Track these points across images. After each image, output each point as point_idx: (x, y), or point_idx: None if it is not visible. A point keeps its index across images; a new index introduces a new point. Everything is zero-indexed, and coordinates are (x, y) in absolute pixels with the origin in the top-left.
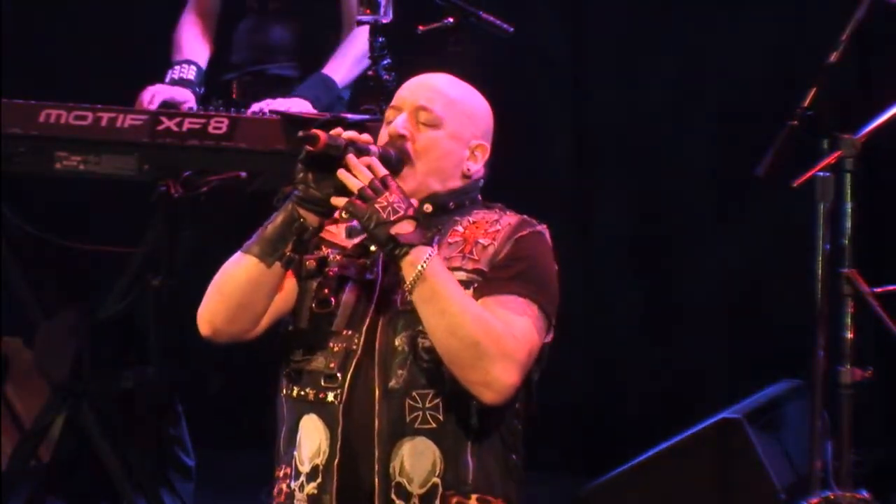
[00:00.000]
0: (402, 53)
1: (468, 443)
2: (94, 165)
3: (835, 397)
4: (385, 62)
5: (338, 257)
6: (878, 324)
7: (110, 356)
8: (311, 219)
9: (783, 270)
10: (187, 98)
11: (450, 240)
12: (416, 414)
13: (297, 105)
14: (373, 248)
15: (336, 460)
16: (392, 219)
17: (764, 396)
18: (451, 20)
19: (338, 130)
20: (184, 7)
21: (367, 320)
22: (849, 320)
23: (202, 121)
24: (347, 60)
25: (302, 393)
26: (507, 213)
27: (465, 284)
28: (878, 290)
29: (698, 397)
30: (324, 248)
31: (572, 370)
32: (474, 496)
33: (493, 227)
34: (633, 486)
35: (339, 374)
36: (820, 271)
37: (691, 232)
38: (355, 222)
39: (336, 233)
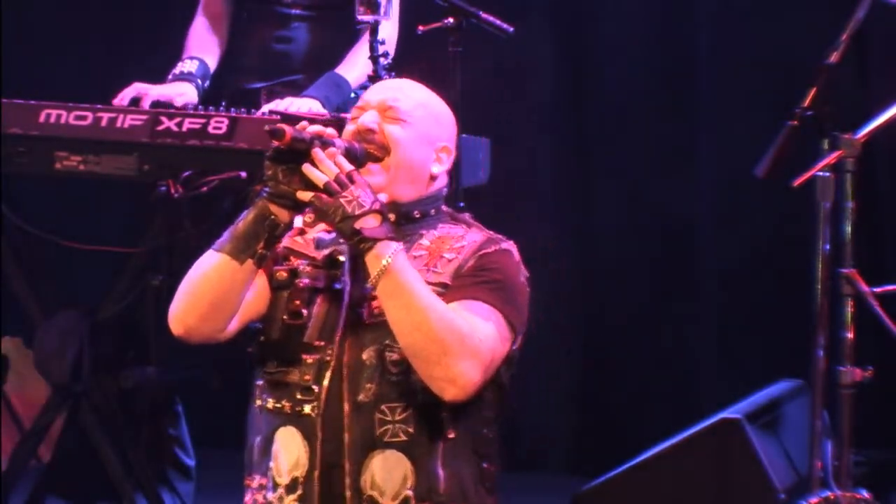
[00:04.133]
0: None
1: (439, 453)
2: (94, 165)
3: (835, 397)
4: (385, 62)
5: (308, 268)
6: (878, 324)
7: (110, 356)
8: (283, 214)
9: (783, 270)
10: (183, 92)
11: (414, 253)
12: (385, 427)
13: (306, 105)
14: (342, 258)
15: (316, 472)
16: (357, 213)
17: (764, 396)
18: (451, 20)
19: (303, 125)
20: (193, 9)
21: (340, 331)
22: (849, 320)
23: (202, 121)
24: (361, 60)
25: (278, 405)
26: (473, 228)
27: None
28: (878, 290)
29: (698, 397)
30: (293, 260)
31: (572, 370)
32: None
33: (459, 242)
34: (632, 486)
35: (314, 387)
36: (820, 271)
37: (691, 231)
38: (323, 234)
39: (305, 244)
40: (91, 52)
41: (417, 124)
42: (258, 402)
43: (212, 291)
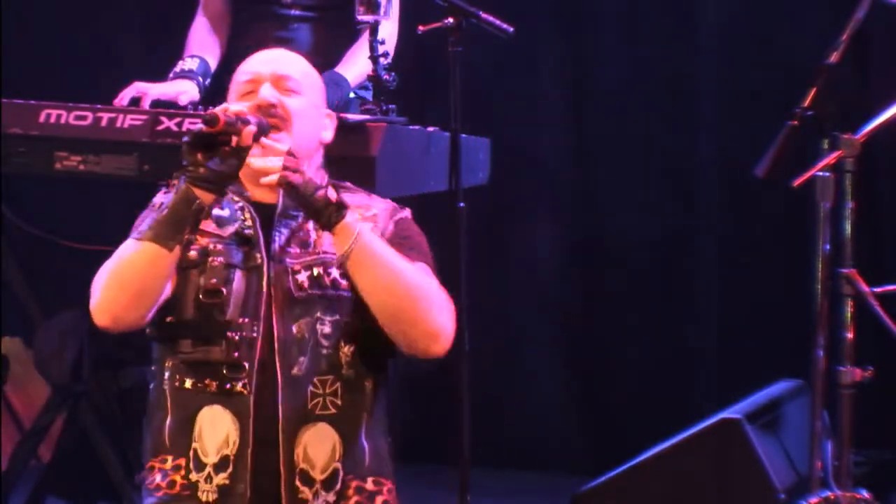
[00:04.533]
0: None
1: (363, 426)
2: (94, 165)
3: (835, 397)
4: (385, 62)
5: (218, 246)
6: (878, 324)
7: (110, 356)
8: (207, 198)
9: (783, 270)
10: (184, 90)
11: None
12: (316, 400)
13: None
14: (248, 232)
15: (249, 449)
16: (322, 184)
17: (764, 396)
18: (451, 20)
19: (223, 107)
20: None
21: (262, 307)
22: (849, 320)
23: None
24: (361, 59)
25: (199, 384)
26: (372, 196)
27: None
28: (878, 290)
29: (697, 397)
30: (200, 239)
31: (572, 370)
32: (370, 479)
33: (369, 211)
34: (632, 486)
35: (245, 364)
36: (820, 271)
37: (691, 231)
38: (219, 212)
39: (205, 223)
40: (91, 51)
41: (309, 94)
42: (169, 383)
43: (140, 280)
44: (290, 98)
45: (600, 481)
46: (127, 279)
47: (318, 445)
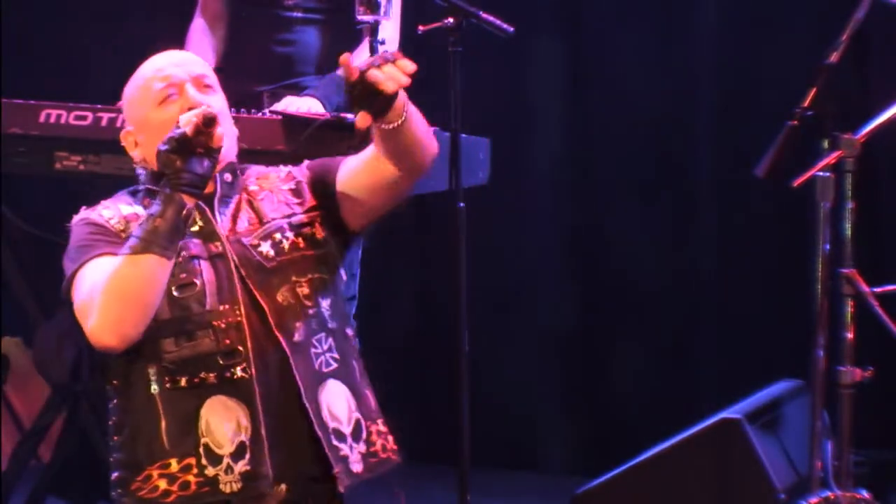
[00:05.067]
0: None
1: (358, 373)
2: (94, 165)
3: (835, 397)
4: None
5: None
6: (878, 324)
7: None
8: (190, 201)
9: (783, 270)
10: None
11: (259, 197)
12: (320, 360)
13: (306, 104)
14: (199, 225)
15: (262, 430)
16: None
17: (764, 396)
18: (451, 20)
19: (200, 111)
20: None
21: (239, 289)
22: (849, 320)
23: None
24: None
25: (196, 380)
26: (268, 166)
27: (308, 224)
28: (878, 290)
29: (697, 397)
30: None
31: (572, 370)
32: (380, 421)
33: (279, 172)
34: (632, 486)
35: (240, 348)
36: (820, 271)
37: (691, 231)
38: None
39: None
40: (91, 51)
41: (217, 88)
42: (158, 388)
43: (146, 294)
44: (211, 97)
45: (600, 481)
46: (132, 295)
47: (336, 402)
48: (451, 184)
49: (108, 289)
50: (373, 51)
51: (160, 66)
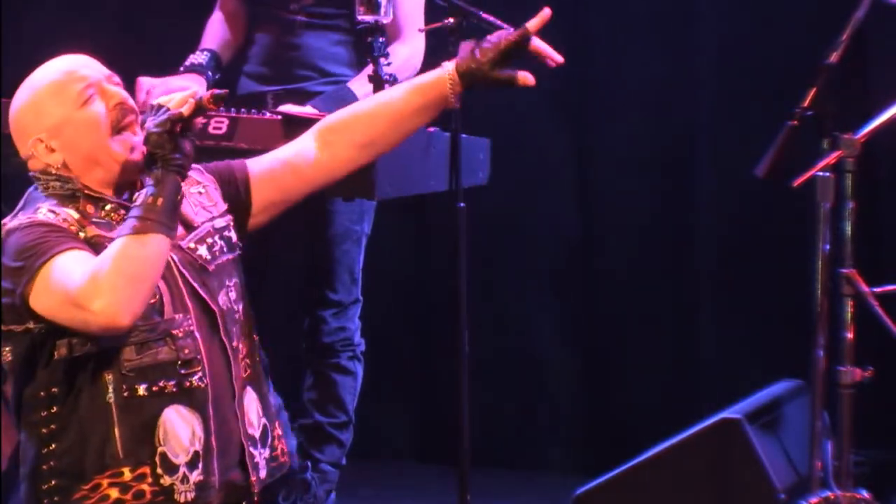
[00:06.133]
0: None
1: (263, 377)
2: None
3: (835, 397)
4: (386, 63)
5: None
6: (878, 324)
7: None
8: (181, 181)
9: (783, 270)
10: (188, 86)
11: (192, 189)
12: (242, 364)
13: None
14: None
15: (213, 438)
16: None
17: (764, 396)
18: (451, 20)
19: (184, 97)
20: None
21: (186, 295)
22: (849, 320)
23: (202, 121)
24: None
25: (154, 388)
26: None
27: (226, 227)
28: (878, 290)
29: (697, 397)
30: (97, 247)
31: (572, 370)
32: (277, 423)
33: (202, 174)
34: (632, 486)
35: (197, 356)
36: (820, 271)
37: (691, 231)
38: (102, 217)
39: (103, 228)
40: (92, 52)
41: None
42: (115, 396)
43: (155, 272)
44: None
45: (600, 481)
46: (142, 274)
47: (252, 408)
48: (451, 184)
49: (117, 269)
50: (373, 51)
51: (70, 70)
